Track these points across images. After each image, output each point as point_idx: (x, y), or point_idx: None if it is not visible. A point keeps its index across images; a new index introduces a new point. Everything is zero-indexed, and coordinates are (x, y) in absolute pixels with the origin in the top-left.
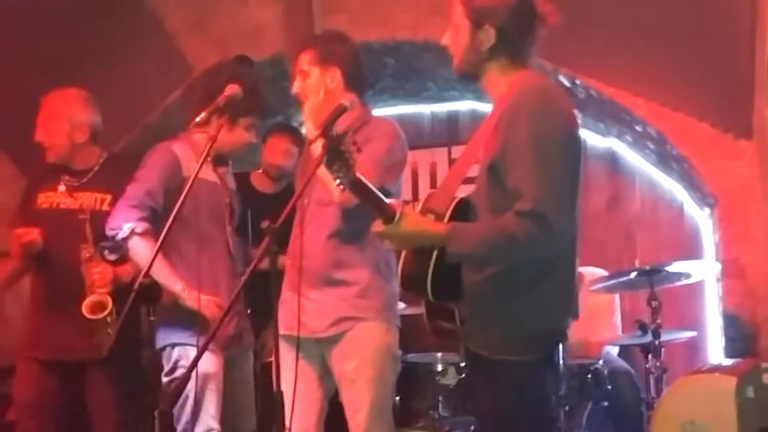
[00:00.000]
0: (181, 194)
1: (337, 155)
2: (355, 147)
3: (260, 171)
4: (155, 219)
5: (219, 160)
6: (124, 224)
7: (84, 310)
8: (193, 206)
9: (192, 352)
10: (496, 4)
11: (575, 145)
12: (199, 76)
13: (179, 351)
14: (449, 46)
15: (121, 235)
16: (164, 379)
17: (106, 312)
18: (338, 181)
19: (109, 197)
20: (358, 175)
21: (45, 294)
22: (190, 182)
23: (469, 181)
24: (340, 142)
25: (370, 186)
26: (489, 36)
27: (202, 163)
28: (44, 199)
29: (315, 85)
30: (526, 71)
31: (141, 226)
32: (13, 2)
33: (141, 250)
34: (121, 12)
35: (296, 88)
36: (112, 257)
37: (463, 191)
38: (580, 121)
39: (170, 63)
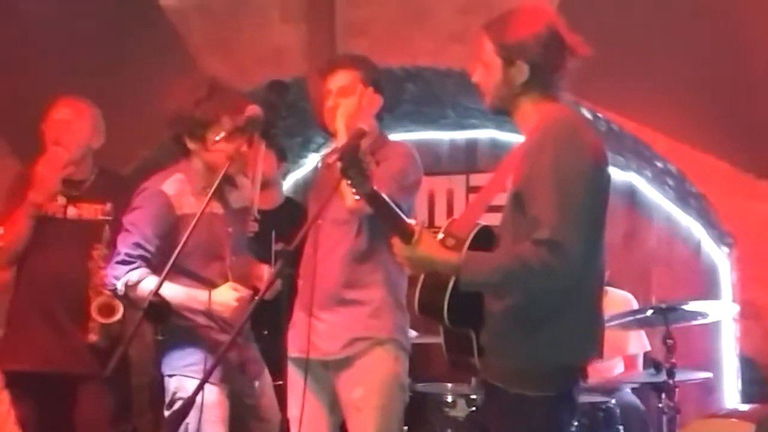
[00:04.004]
0: (175, 233)
1: (353, 163)
2: (372, 159)
3: None
4: (149, 263)
5: (227, 182)
6: (118, 282)
7: (92, 310)
8: (184, 245)
9: (188, 383)
10: (527, 39)
11: (600, 177)
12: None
13: (176, 382)
14: (480, 83)
15: (120, 292)
16: (165, 412)
17: (117, 316)
18: (354, 190)
19: (103, 207)
20: (375, 187)
21: (30, 303)
22: (190, 228)
23: (492, 209)
24: (357, 151)
25: (387, 200)
26: (522, 71)
27: (209, 197)
28: (40, 208)
29: (353, 106)
30: (556, 104)
31: (135, 275)
32: (37, 16)
33: (147, 286)
34: (142, 27)
35: (333, 102)
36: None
37: (486, 219)
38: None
39: None
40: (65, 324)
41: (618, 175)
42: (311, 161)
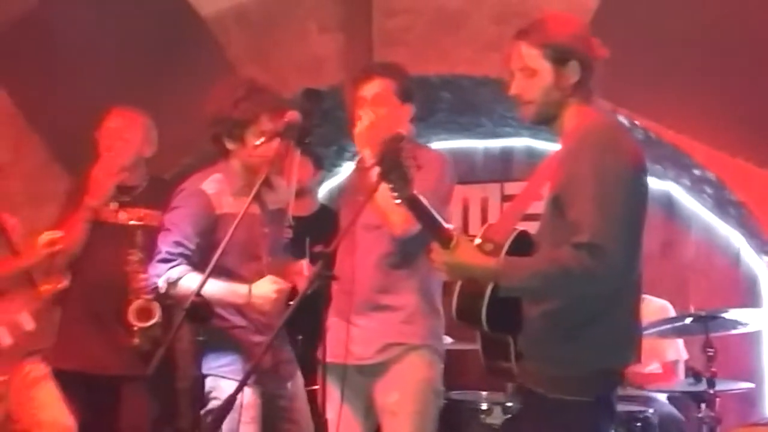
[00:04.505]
0: (214, 232)
1: (394, 165)
2: (414, 162)
3: None
4: (189, 261)
5: (264, 183)
6: (159, 280)
7: (130, 315)
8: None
9: (223, 383)
10: (574, 38)
11: (639, 183)
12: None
13: (211, 382)
14: (521, 94)
15: (161, 290)
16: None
17: (154, 320)
18: (395, 194)
19: (155, 213)
20: (415, 192)
21: (81, 306)
22: (232, 228)
23: (528, 217)
24: (399, 155)
25: (428, 205)
26: (575, 70)
27: (251, 199)
28: (93, 213)
29: (389, 117)
30: (596, 108)
31: (175, 272)
32: (83, 27)
33: (187, 284)
34: (184, 37)
35: (368, 114)
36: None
37: (522, 227)
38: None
39: None
40: (113, 327)
41: (655, 184)
42: (346, 170)
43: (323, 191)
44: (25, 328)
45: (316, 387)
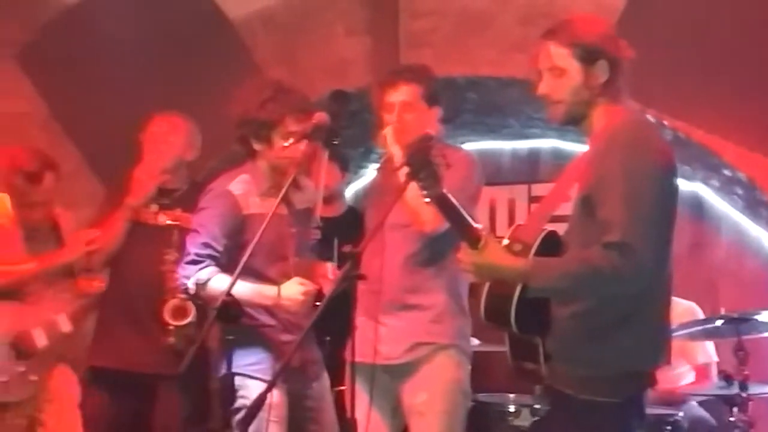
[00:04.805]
0: (241, 233)
1: (424, 164)
2: (443, 161)
3: None
4: (218, 262)
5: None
6: (188, 281)
7: (166, 314)
8: (254, 245)
9: (250, 382)
10: (603, 37)
11: (669, 183)
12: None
13: (238, 381)
14: (549, 94)
15: (191, 291)
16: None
17: (189, 318)
18: (425, 192)
19: (191, 215)
20: (444, 191)
21: (119, 305)
22: (262, 228)
23: (555, 219)
24: (428, 154)
25: (457, 204)
26: (604, 69)
27: (280, 199)
28: (133, 212)
29: (417, 121)
30: (625, 107)
31: (204, 274)
32: (114, 34)
33: (216, 284)
34: (212, 40)
35: (395, 119)
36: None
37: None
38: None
39: None
40: (149, 326)
41: (684, 185)
42: (372, 172)
43: (350, 192)
44: (62, 330)
45: (342, 388)
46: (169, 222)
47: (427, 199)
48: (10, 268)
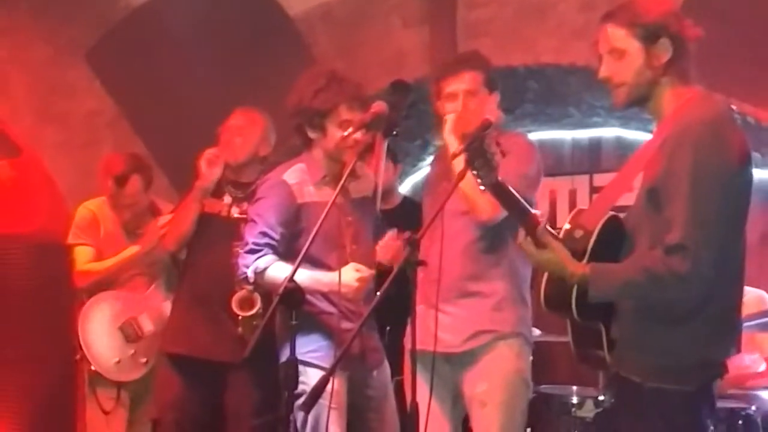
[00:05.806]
0: (296, 221)
1: (479, 153)
2: (499, 149)
3: None
4: (275, 250)
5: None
6: (247, 270)
7: (233, 304)
8: (307, 233)
9: (310, 371)
10: (665, 15)
11: (742, 180)
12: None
13: (299, 368)
14: (611, 76)
15: (250, 279)
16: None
17: (256, 309)
18: (480, 181)
19: None
20: (500, 179)
21: (192, 295)
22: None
23: (616, 209)
24: (483, 141)
25: (513, 192)
26: (666, 47)
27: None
28: (208, 205)
29: (479, 109)
30: (696, 90)
31: (263, 262)
32: (179, 29)
33: (274, 272)
34: (271, 37)
35: (460, 107)
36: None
37: None
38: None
39: None
40: (221, 316)
41: (755, 173)
42: (428, 165)
43: (407, 186)
44: (144, 329)
45: (401, 378)
46: (238, 215)
47: (483, 188)
48: (96, 265)
